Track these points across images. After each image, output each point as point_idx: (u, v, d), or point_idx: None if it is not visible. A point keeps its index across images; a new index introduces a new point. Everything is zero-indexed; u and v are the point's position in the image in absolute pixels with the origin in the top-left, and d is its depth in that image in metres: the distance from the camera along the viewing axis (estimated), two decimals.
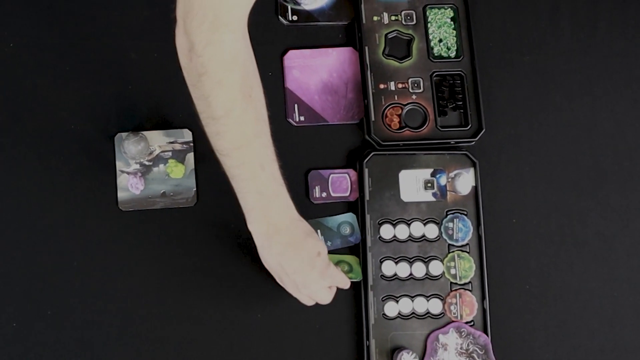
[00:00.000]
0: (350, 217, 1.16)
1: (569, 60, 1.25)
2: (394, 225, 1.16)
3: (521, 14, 1.25)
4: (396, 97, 1.19)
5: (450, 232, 1.16)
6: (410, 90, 1.19)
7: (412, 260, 1.15)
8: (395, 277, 1.14)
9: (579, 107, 1.23)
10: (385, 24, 1.21)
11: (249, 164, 0.95)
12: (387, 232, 1.15)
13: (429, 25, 1.22)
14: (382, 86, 1.19)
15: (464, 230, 1.16)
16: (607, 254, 1.19)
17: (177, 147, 1.16)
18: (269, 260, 1.03)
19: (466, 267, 1.15)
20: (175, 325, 1.12)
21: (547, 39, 1.25)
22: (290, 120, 1.18)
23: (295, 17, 1.21)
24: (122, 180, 1.14)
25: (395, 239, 1.15)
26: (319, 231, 1.15)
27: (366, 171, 1.16)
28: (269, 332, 1.13)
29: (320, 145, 1.19)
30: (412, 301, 1.14)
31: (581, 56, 1.25)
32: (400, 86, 1.19)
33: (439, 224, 1.16)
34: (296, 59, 1.20)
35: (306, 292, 1.05)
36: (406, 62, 1.20)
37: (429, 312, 1.14)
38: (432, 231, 1.16)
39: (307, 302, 1.07)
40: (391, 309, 1.13)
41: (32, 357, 1.10)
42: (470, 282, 1.15)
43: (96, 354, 1.11)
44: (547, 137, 1.22)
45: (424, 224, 1.16)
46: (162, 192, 1.15)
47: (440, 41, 1.21)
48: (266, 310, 1.13)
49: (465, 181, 1.17)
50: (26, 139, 1.15)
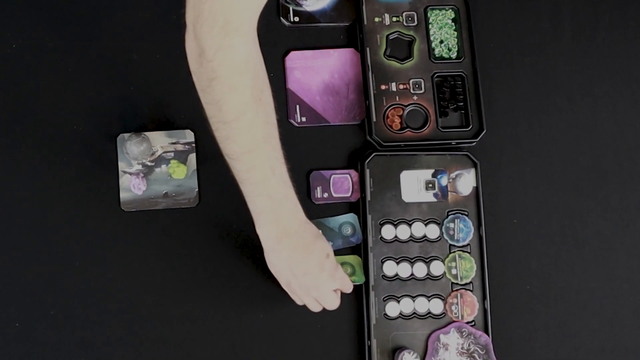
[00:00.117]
0: (351, 217, 1.17)
1: (570, 61, 1.25)
2: (395, 225, 1.16)
3: (522, 15, 1.25)
4: (397, 98, 1.19)
5: (451, 232, 1.16)
6: (411, 91, 1.19)
7: (413, 260, 1.15)
8: (396, 277, 1.15)
9: (580, 107, 1.23)
10: (386, 25, 1.22)
11: (259, 167, 0.95)
12: (388, 232, 1.15)
13: (430, 26, 1.22)
14: (383, 87, 1.19)
15: (465, 230, 1.16)
16: (607, 254, 1.20)
17: (179, 147, 1.16)
18: (277, 264, 1.02)
19: (467, 267, 1.15)
20: (177, 325, 1.12)
21: (547, 40, 1.25)
22: (291, 121, 1.19)
23: (296, 18, 1.22)
24: (124, 180, 1.14)
25: (396, 239, 1.15)
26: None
27: (367, 172, 1.16)
28: (271, 332, 1.13)
29: (321, 146, 1.19)
30: (414, 301, 1.14)
31: (582, 57, 1.25)
32: (401, 87, 1.19)
33: (440, 225, 1.16)
34: (298, 60, 1.21)
35: (316, 295, 1.04)
36: (407, 63, 1.20)
37: (430, 312, 1.14)
38: (433, 231, 1.16)
39: (315, 308, 1.07)
40: (392, 309, 1.13)
41: (34, 356, 1.10)
42: (471, 282, 1.15)
43: (99, 354, 1.11)
44: (547, 137, 1.22)
45: (425, 225, 1.16)
46: (164, 192, 1.15)
47: (441, 42, 1.22)
48: (268, 310, 1.13)
49: (466, 182, 1.17)
50: (29, 139, 1.15)
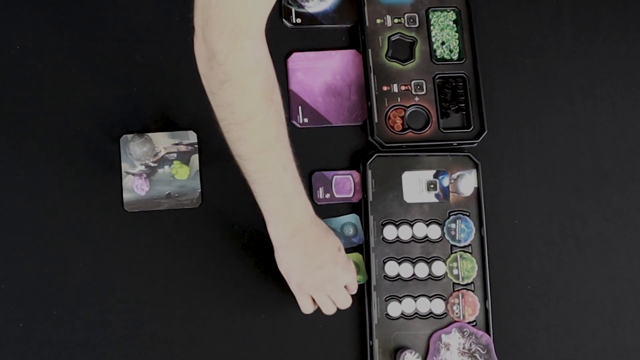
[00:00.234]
0: (353, 218, 1.17)
1: (570, 62, 1.25)
2: (397, 226, 1.16)
3: (523, 17, 1.25)
4: (399, 99, 1.19)
5: (452, 232, 1.17)
6: (413, 92, 1.20)
7: (414, 260, 1.16)
8: (398, 278, 1.15)
9: (581, 109, 1.24)
10: (388, 26, 1.22)
11: (272, 166, 0.95)
12: (390, 232, 1.16)
13: (432, 27, 1.22)
14: (385, 88, 1.19)
15: (466, 231, 1.17)
16: (608, 255, 1.20)
17: (182, 148, 1.16)
18: (290, 261, 1.03)
19: (468, 268, 1.16)
20: (180, 325, 1.13)
21: (548, 42, 1.25)
22: (294, 122, 1.19)
23: (299, 20, 1.22)
24: (127, 181, 1.15)
25: (398, 240, 1.16)
26: None
27: (369, 172, 1.16)
28: (273, 332, 1.13)
29: (323, 146, 1.19)
30: (415, 301, 1.14)
31: (582, 58, 1.25)
32: (403, 88, 1.20)
33: (441, 225, 1.17)
34: (300, 62, 1.21)
35: (331, 290, 1.04)
36: (409, 65, 1.21)
37: (431, 312, 1.14)
38: (434, 232, 1.16)
39: (329, 309, 1.06)
40: (394, 309, 1.14)
41: (38, 356, 1.11)
42: (472, 282, 1.16)
43: (102, 354, 1.11)
44: (548, 138, 1.22)
45: (427, 225, 1.16)
46: (167, 193, 1.15)
47: (442, 44, 1.22)
48: (271, 310, 1.14)
49: (467, 182, 1.17)
50: (32, 140, 1.15)
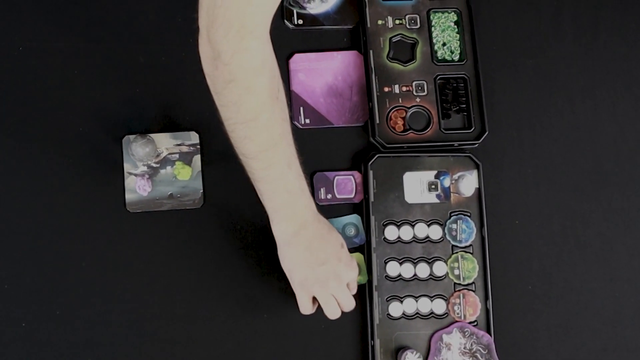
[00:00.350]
0: (355, 218, 1.17)
1: (571, 63, 1.25)
2: (398, 226, 1.16)
3: (524, 18, 1.26)
4: (400, 100, 1.20)
5: (453, 233, 1.17)
6: (414, 93, 1.20)
7: (416, 261, 1.16)
8: (399, 278, 1.15)
9: (581, 110, 1.24)
10: (389, 27, 1.22)
11: (277, 164, 0.95)
12: (391, 233, 1.16)
13: (433, 29, 1.22)
14: (386, 89, 1.20)
15: (467, 231, 1.17)
16: (608, 255, 1.20)
17: (184, 149, 1.17)
18: (293, 258, 1.03)
19: (469, 268, 1.16)
20: (181, 325, 1.13)
21: (549, 43, 1.25)
22: (295, 123, 1.19)
23: (300, 21, 1.22)
24: (129, 182, 1.15)
25: (399, 240, 1.16)
26: None
27: (371, 173, 1.17)
28: (275, 332, 1.14)
29: (325, 147, 1.19)
30: (416, 301, 1.15)
31: (583, 60, 1.25)
32: (404, 89, 1.20)
33: (442, 225, 1.17)
34: (302, 63, 1.21)
35: (334, 287, 1.04)
36: (410, 66, 1.21)
37: (432, 312, 1.15)
38: (435, 232, 1.17)
39: (332, 311, 1.06)
40: (395, 309, 1.14)
41: (40, 356, 1.11)
42: (473, 282, 1.16)
43: (104, 354, 1.11)
44: (549, 139, 1.23)
45: (428, 225, 1.17)
46: (169, 194, 1.16)
47: (444, 45, 1.22)
48: (272, 310, 1.14)
49: (468, 183, 1.18)
50: (35, 141, 1.16)
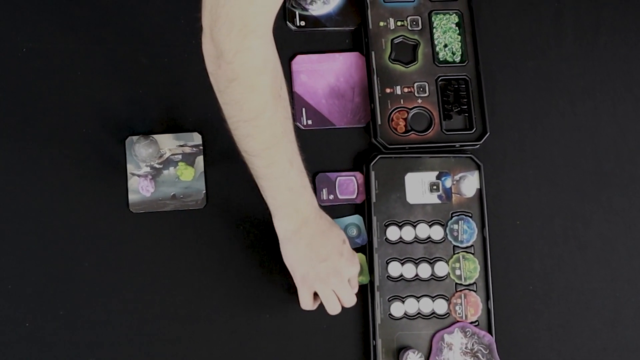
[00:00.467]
0: (357, 219, 1.18)
1: (572, 64, 1.25)
2: (400, 227, 1.17)
3: (525, 20, 1.26)
4: (402, 101, 1.20)
5: (455, 233, 1.17)
6: (415, 94, 1.20)
7: (417, 261, 1.16)
8: (401, 278, 1.16)
9: (582, 111, 1.24)
10: (391, 29, 1.22)
11: (279, 161, 0.96)
12: (393, 233, 1.16)
13: (435, 30, 1.23)
14: (388, 90, 1.20)
15: (468, 231, 1.17)
16: (609, 256, 1.20)
17: (187, 150, 1.17)
18: (294, 254, 1.03)
19: (471, 268, 1.16)
20: (184, 325, 1.13)
21: (550, 44, 1.26)
22: (298, 124, 1.20)
23: (303, 23, 1.23)
24: (132, 182, 1.15)
25: (401, 241, 1.16)
26: None
27: (373, 174, 1.17)
28: (277, 332, 1.14)
29: (327, 148, 1.20)
30: (418, 301, 1.15)
31: (584, 61, 1.26)
32: (406, 90, 1.20)
33: (444, 226, 1.17)
34: (304, 64, 1.22)
35: (335, 283, 1.04)
36: (412, 67, 1.21)
37: (434, 313, 1.15)
38: (437, 233, 1.17)
39: (333, 306, 1.06)
40: (397, 309, 1.14)
41: (44, 356, 1.11)
42: (474, 282, 1.16)
43: (107, 354, 1.12)
44: (550, 140, 1.23)
45: (430, 226, 1.17)
46: (172, 194, 1.16)
47: (445, 46, 1.22)
48: (274, 310, 1.14)
49: (470, 184, 1.18)
50: (38, 142, 1.16)
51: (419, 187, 1.18)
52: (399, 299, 1.15)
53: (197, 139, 1.17)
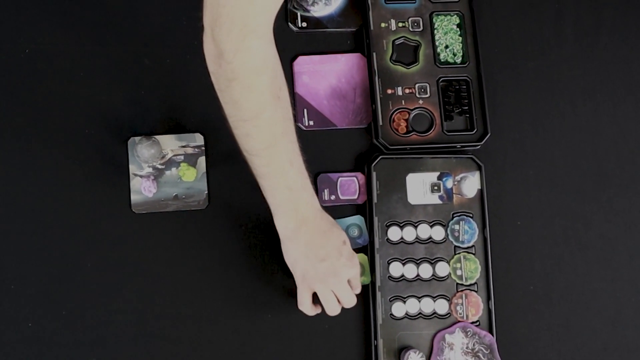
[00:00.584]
0: (358, 219, 1.18)
1: (573, 65, 1.26)
2: (401, 227, 1.17)
3: (526, 21, 1.26)
4: (403, 102, 1.20)
5: (456, 234, 1.17)
6: (417, 95, 1.21)
7: (419, 261, 1.16)
8: (402, 278, 1.16)
9: (583, 112, 1.24)
10: (392, 30, 1.23)
11: (278, 161, 0.97)
12: (394, 234, 1.16)
13: (436, 31, 1.23)
14: (389, 91, 1.20)
15: (469, 232, 1.17)
16: (609, 256, 1.20)
17: (189, 150, 1.17)
18: (294, 253, 1.04)
19: (472, 269, 1.17)
20: (186, 325, 1.13)
21: (551, 46, 1.26)
22: (299, 124, 1.20)
23: (304, 24, 1.23)
24: (135, 183, 1.16)
25: (402, 241, 1.17)
26: None
27: (374, 174, 1.17)
28: (279, 332, 1.14)
29: (329, 149, 1.20)
30: (419, 302, 1.15)
31: (584, 62, 1.26)
32: (407, 91, 1.21)
33: (445, 226, 1.17)
34: (305, 65, 1.22)
35: (334, 283, 1.05)
36: (413, 68, 1.22)
37: (435, 313, 1.15)
38: (438, 233, 1.17)
39: (333, 307, 1.06)
40: (398, 309, 1.15)
41: (47, 356, 1.11)
42: (475, 283, 1.16)
43: (110, 354, 1.12)
44: (551, 141, 1.23)
45: (431, 226, 1.17)
46: (174, 195, 1.16)
47: (446, 47, 1.23)
48: (276, 310, 1.15)
49: (471, 184, 1.18)
50: (41, 143, 1.16)
51: (420, 187, 1.18)
52: (400, 299, 1.15)
53: (199, 139, 1.17)
